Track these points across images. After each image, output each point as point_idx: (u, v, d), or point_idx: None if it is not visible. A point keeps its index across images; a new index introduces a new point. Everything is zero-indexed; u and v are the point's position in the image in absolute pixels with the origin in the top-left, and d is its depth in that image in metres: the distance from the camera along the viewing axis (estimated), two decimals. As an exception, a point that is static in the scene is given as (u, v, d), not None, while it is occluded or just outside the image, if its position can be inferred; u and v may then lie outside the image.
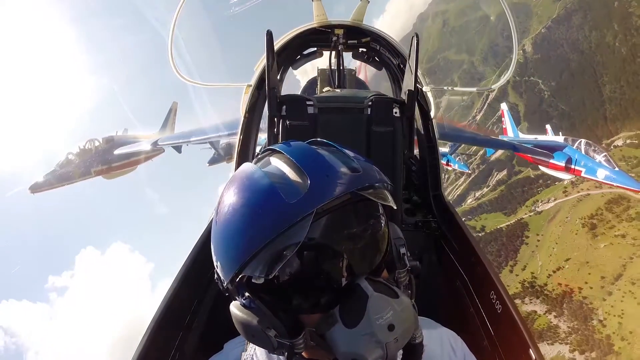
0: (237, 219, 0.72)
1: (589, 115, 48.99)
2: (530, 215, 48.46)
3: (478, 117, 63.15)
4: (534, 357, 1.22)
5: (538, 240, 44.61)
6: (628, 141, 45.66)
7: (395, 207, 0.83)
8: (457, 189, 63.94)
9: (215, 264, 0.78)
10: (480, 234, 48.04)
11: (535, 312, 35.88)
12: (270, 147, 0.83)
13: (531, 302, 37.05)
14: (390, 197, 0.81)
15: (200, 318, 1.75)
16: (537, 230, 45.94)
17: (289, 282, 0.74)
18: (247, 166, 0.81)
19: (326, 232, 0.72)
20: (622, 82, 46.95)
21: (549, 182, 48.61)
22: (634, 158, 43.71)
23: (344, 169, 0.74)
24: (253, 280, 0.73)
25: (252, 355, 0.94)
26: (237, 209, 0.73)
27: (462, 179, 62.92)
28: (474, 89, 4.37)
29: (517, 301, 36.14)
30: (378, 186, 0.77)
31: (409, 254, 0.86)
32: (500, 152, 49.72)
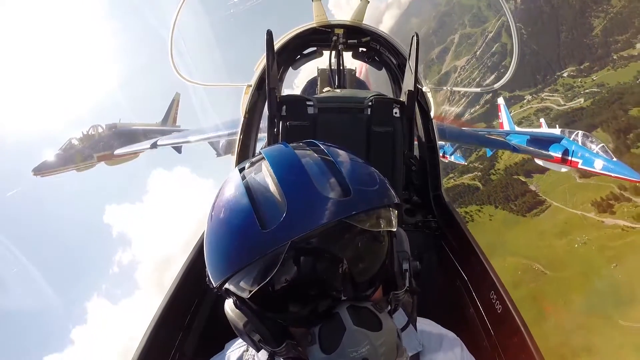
0: (220, 236, 0.73)
1: (548, 54, 63.63)
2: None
3: (478, 53, 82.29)
4: (534, 357, 1.19)
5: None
6: (571, 73, 65.41)
7: (395, 229, 0.79)
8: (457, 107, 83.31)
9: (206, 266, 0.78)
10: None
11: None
12: (262, 151, 0.81)
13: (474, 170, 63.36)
14: (390, 217, 0.77)
15: (200, 318, 1.72)
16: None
17: (272, 296, 0.72)
18: (235, 175, 0.79)
19: (307, 256, 0.70)
20: (573, 31, 62.35)
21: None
22: (568, 85, 63.90)
23: (331, 192, 0.69)
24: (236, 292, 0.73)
25: (254, 355, 0.93)
26: (219, 225, 0.74)
27: (462, 100, 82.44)
28: (477, 90, 7.72)
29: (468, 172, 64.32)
30: (370, 210, 0.72)
31: (412, 262, 0.83)
32: (490, 78, 69.27)
